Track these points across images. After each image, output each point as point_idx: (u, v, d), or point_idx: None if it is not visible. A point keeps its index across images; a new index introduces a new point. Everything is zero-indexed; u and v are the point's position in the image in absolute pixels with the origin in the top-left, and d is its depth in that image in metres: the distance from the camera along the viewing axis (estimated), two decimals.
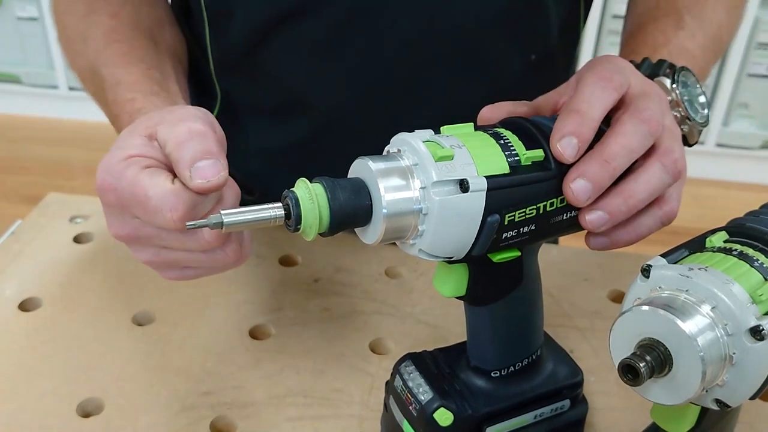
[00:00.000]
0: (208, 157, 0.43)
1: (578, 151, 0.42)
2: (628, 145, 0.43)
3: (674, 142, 0.46)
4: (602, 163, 0.42)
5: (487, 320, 0.48)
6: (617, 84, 0.45)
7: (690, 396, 0.39)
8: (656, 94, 0.48)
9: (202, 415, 0.57)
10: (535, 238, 0.44)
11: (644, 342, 0.39)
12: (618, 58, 0.49)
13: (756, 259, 0.42)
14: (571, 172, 0.43)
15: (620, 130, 0.43)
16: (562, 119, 0.43)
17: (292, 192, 0.40)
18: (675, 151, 0.45)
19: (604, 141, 0.43)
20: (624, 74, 0.46)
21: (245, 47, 0.69)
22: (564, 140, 0.42)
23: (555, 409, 0.51)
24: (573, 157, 0.42)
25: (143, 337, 0.64)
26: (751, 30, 2.25)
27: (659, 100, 0.47)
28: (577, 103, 0.44)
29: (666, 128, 0.46)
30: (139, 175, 0.44)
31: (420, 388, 0.49)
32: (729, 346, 0.39)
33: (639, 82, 0.48)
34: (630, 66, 0.49)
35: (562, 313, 0.68)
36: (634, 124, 0.43)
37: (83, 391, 0.58)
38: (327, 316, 0.67)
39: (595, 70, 0.46)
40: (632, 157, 0.44)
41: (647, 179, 0.44)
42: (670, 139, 0.46)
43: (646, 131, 0.44)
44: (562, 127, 0.42)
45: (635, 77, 0.48)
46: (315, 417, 0.57)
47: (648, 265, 0.42)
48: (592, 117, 0.43)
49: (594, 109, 0.43)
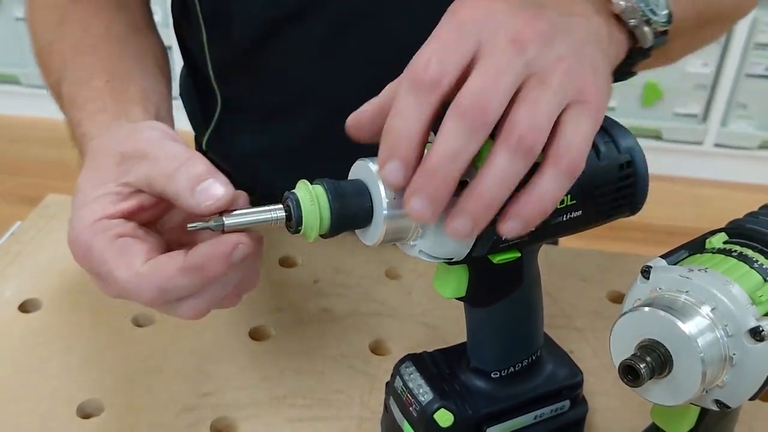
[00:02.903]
0: (205, 177, 0.41)
1: (404, 174, 0.38)
2: (451, 150, 0.37)
3: (522, 108, 0.37)
4: (427, 175, 0.37)
5: (487, 321, 0.49)
6: (431, 77, 0.37)
7: (690, 397, 0.39)
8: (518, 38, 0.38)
9: (202, 416, 0.57)
10: (535, 239, 0.44)
11: (644, 343, 0.39)
12: None
13: (755, 260, 0.42)
14: (406, 192, 0.38)
15: (441, 132, 0.37)
16: (381, 141, 0.38)
17: (293, 194, 0.40)
18: (519, 123, 0.37)
19: (429, 149, 0.38)
20: (460, 37, 0.38)
21: (243, 51, 0.69)
22: (385, 168, 0.38)
23: (555, 410, 0.51)
24: (400, 182, 0.38)
25: (143, 338, 0.64)
26: (749, 30, 2.25)
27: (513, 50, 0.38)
28: (389, 119, 0.38)
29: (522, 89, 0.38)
30: (107, 251, 0.41)
31: (420, 389, 0.49)
32: (729, 347, 0.39)
33: (496, 27, 0.38)
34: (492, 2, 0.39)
35: (562, 313, 0.69)
36: (453, 122, 0.37)
37: (83, 393, 0.58)
38: (327, 317, 0.67)
39: (428, 39, 0.39)
40: (461, 161, 0.37)
41: (495, 170, 0.37)
42: (522, 105, 0.37)
43: (469, 126, 0.36)
44: (381, 153, 0.38)
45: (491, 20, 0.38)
46: (315, 418, 0.57)
47: (648, 267, 0.42)
48: (408, 133, 0.37)
49: (409, 123, 0.37)
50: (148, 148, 0.43)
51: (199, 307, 0.43)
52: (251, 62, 0.70)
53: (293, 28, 0.66)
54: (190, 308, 0.43)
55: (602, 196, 0.45)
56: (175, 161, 0.42)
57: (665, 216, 2.21)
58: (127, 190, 0.43)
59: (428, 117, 0.37)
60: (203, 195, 0.41)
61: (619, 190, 0.45)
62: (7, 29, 2.54)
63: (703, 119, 2.43)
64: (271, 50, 0.68)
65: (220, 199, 0.41)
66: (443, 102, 0.38)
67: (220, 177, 0.42)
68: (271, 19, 0.66)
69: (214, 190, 0.41)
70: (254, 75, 0.72)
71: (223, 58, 0.72)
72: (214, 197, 0.41)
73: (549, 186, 0.38)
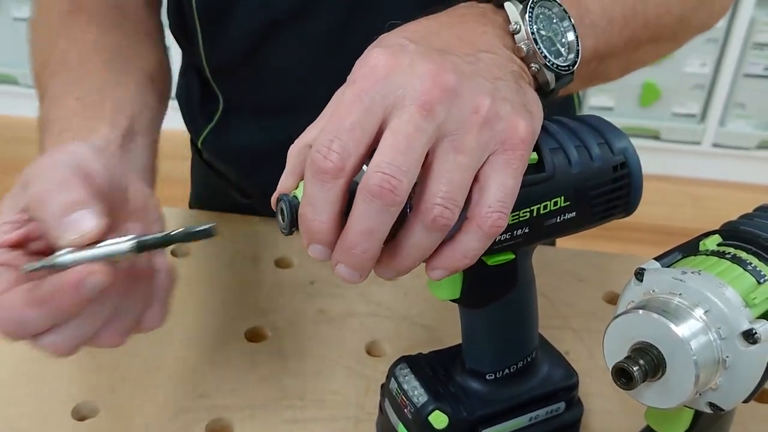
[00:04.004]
0: (78, 206, 0.39)
1: (327, 252, 0.38)
2: (365, 230, 0.36)
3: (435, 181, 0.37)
4: (347, 252, 0.37)
5: (482, 323, 0.49)
6: (334, 165, 0.36)
7: (683, 399, 0.39)
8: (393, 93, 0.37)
9: (197, 417, 0.57)
10: (529, 241, 0.44)
11: (638, 346, 0.39)
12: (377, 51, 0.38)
13: (749, 263, 0.42)
14: (332, 260, 0.38)
15: (354, 212, 0.37)
16: (299, 225, 0.38)
17: (294, 197, 0.40)
18: (433, 200, 0.37)
19: (346, 226, 0.37)
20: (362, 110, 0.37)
21: (240, 53, 0.69)
22: (311, 249, 0.38)
23: (550, 412, 0.51)
24: (327, 258, 0.38)
25: (138, 340, 0.64)
26: (747, 30, 2.25)
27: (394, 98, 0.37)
28: (302, 206, 0.38)
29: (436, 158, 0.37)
30: None
31: (415, 391, 0.49)
32: (722, 350, 0.39)
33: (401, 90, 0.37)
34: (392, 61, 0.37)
35: (557, 314, 0.69)
36: (364, 202, 0.36)
37: (78, 395, 0.58)
38: (323, 318, 0.67)
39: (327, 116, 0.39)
40: (377, 237, 0.37)
41: (412, 244, 0.38)
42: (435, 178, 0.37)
43: (381, 206, 0.36)
44: (303, 236, 0.38)
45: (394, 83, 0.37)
46: (310, 419, 0.57)
47: (641, 269, 0.42)
48: (320, 220, 0.37)
49: (319, 211, 0.37)
50: (37, 172, 0.41)
51: (60, 342, 0.40)
52: (249, 63, 0.70)
53: (291, 29, 0.66)
54: (50, 343, 0.40)
55: (596, 198, 0.45)
56: (51, 186, 0.40)
57: (663, 216, 2.21)
58: (23, 218, 0.42)
59: (338, 200, 0.37)
60: (68, 226, 0.38)
61: (614, 192, 0.46)
62: (5, 29, 2.54)
63: (701, 119, 2.43)
64: (268, 52, 0.68)
65: (86, 234, 0.38)
66: (350, 180, 0.37)
67: (95, 207, 0.39)
68: (267, 21, 0.66)
69: (83, 222, 0.38)
70: (252, 75, 0.71)
71: (221, 58, 0.72)
72: (80, 231, 0.38)
73: (472, 244, 0.39)
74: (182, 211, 0.82)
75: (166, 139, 0.63)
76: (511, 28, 0.43)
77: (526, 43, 0.43)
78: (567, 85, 0.45)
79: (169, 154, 0.59)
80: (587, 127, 0.46)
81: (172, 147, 0.77)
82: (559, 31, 0.45)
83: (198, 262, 0.73)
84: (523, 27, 0.43)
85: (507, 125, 0.38)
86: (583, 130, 0.45)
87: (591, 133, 0.45)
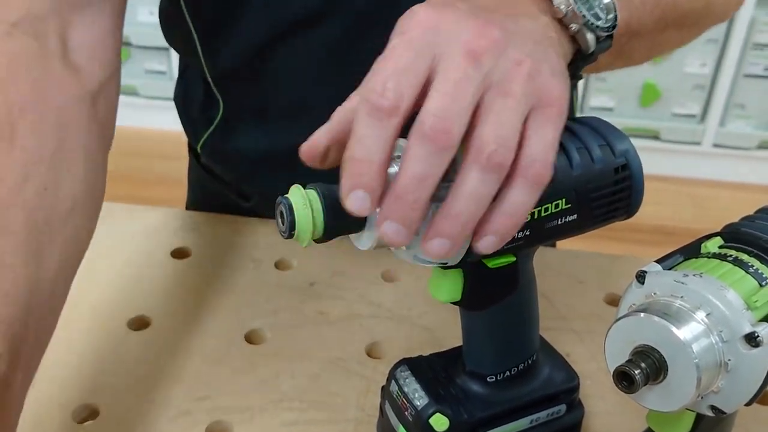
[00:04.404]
0: None
1: (372, 202, 0.37)
2: (419, 174, 0.36)
3: (487, 124, 0.37)
4: (397, 200, 0.37)
5: (483, 325, 0.48)
6: (390, 102, 0.36)
7: (685, 403, 0.39)
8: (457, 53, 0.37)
9: (197, 420, 0.57)
10: (530, 243, 0.44)
11: (639, 349, 0.39)
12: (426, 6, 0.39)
13: (751, 265, 0.42)
14: (378, 217, 0.37)
15: (407, 156, 0.36)
16: (343, 171, 0.37)
17: (286, 198, 0.40)
18: (487, 140, 0.37)
19: (397, 173, 0.37)
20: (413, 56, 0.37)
21: (242, 63, 0.69)
22: (351, 197, 0.37)
23: (551, 414, 0.51)
24: (369, 210, 0.37)
25: (138, 342, 0.64)
26: (747, 30, 2.25)
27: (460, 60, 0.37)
28: (351, 147, 0.37)
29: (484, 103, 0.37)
30: None
31: (416, 393, 0.49)
32: (724, 353, 0.39)
33: (448, 41, 0.38)
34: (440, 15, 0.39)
35: (559, 316, 0.68)
36: (418, 145, 0.36)
37: (78, 397, 0.58)
38: (323, 319, 0.67)
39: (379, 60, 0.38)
40: (429, 183, 0.37)
41: (468, 190, 0.37)
42: (486, 121, 0.37)
43: (435, 149, 0.36)
44: (345, 182, 0.37)
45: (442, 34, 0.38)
46: (310, 421, 0.57)
47: (643, 272, 0.42)
48: (371, 160, 0.37)
49: (371, 151, 0.37)
50: None
51: None
52: (251, 72, 0.70)
53: (297, 39, 0.66)
54: None
55: (597, 200, 0.45)
56: None
57: (664, 216, 2.21)
58: None
59: (390, 143, 0.37)
60: None
61: (615, 194, 0.45)
62: None
63: (701, 119, 2.43)
64: (272, 60, 0.68)
65: None
66: (403, 124, 0.37)
67: None
68: (273, 33, 0.65)
69: None
70: (254, 83, 0.71)
71: (222, 67, 0.72)
72: None
73: (519, 198, 0.38)
74: (180, 212, 0.82)
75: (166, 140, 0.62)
76: None
77: (566, 3, 0.44)
78: (606, 50, 0.46)
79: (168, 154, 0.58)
80: (588, 128, 0.46)
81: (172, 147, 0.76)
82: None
83: (198, 263, 0.73)
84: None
85: (547, 83, 0.39)
86: (584, 132, 0.45)
87: (592, 134, 0.45)
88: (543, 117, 0.38)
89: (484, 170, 0.37)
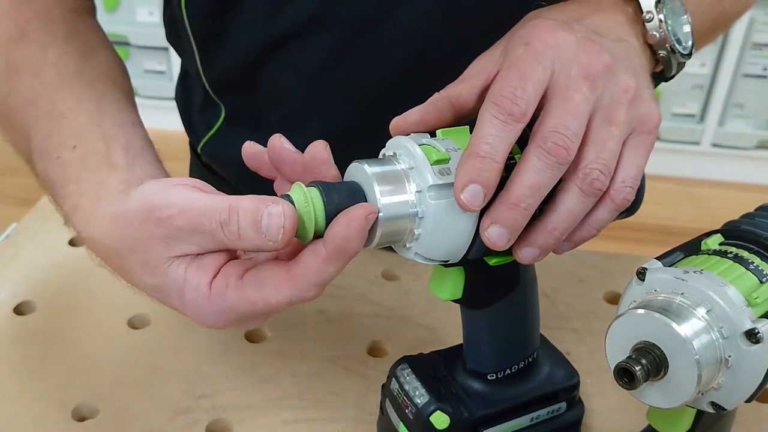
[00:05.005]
0: (260, 210, 0.39)
1: (485, 198, 0.39)
2: (535, 184, 0.39)
3: (593, 148, 0.40)
4: (511, 207, 0.39)
5: (484, 323, 0.48)
6: (521, 109, 0.39)
7: (686, 399, 0.39)
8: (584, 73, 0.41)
9: (197, 418, 0.56)
10: None
11: (640, 345, 0.39)
12: (549, 22, 0.42)
13: (751, 262, 0.42)
14: (484, 220, 0.40)
15: (525, 166, 0.39)
16: (463, 165, 0.39)
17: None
18: (591, 165, 0.40)
19: (511, 181, 0.40)
20: (540, 69, 0.40)
21: (239, 71, 0.68)
22: (467, 190, 0.38)
23: (551, 412, 0.51)
24: (480, 206, 0.39)
25: (138, 340, 0.64)
26: (746, 30, 2.26)
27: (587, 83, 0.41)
28: (476, 144, 0.39)
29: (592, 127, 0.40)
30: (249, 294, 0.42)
31: (416, 391, 0.49)
32: (724, 349, 0.39)
33: (568, 60, 0.41)
34: (562, 34, 0.42)
35: (559, 314, 0.69)
36: (538, 158, 0.39)
37: (78, 395, 0.58)
38: (323, 318, 0.67)
39: (507, 67, 0.41)
40: (542, 194, 0.40)
41: (567, 208, 0.40)
42: (592, 145, 0.40)
43: (553, 163, 0.39)
44: (463, 175, 0.39)
45: (563, 52, 0.41)
46: (311, 420, 0.57)
47: (643, 269, 0.42)
48: (494, 158, 0.39)
49: (495, 150, 0.39)
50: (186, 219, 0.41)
51: None
52: (249, 79, 0.69)
53: (293, 48, 0.65)
54: None
55: None
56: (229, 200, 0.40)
57: (663, 216, 2.21)
58: None
59: (510, 146, 0.39)
60: (269, 220, 0.38)
61: None
62: None
63: (700, 119, 2.43)
64: (268, 70, 0.67)
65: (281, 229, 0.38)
66: (524, 126, 0.40)
67: (267, 199, 0.39)
68: (269, 41, 0.65)
69: (274, 218, 0.38)
70: (253, 90, 0.71)
71: (219, 74, 0.71)
72: (278, 228, 0.38)
73: (601, 216, 0.42)
74: None
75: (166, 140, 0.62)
76: (646, 17, 0.47)
77: (660, 31, 0.47)
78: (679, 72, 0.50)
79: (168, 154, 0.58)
80: None
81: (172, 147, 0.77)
82: (679, 22, 0.49)
83: None
84: (656, 16, 0.47)
85: (648, 109, 0.42)
86: None
87: None
88: (639, 142, 0.42)
89: (585, 194, 0.40)
